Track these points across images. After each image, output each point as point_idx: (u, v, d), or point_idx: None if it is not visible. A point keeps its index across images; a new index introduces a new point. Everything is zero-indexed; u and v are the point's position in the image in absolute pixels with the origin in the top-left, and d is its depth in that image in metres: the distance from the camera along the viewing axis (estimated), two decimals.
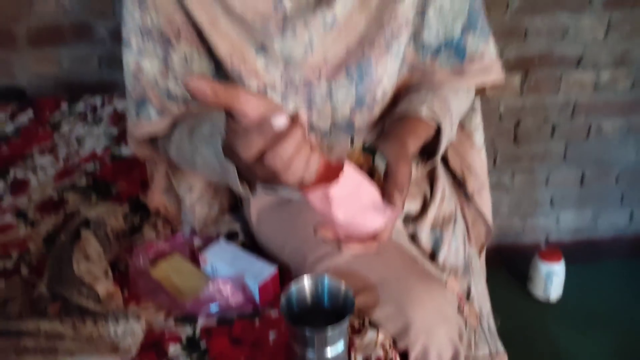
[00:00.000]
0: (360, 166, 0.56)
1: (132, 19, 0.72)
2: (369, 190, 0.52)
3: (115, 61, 1.70)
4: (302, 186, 0.49)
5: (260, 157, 0.45)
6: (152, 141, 0.84)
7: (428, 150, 0.75)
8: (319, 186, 0.48)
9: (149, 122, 0.77)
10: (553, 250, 1.92)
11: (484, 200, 0.98)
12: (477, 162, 0.95)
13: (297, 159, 0.45)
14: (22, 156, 1.33)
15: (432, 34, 0.75)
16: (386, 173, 0.56)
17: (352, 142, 0.69)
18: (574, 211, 2.03)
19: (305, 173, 0.47)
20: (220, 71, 0.75)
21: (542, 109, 1.82)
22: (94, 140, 1.38)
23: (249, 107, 0.43)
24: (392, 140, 0.63)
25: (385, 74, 0.74)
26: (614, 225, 2.06)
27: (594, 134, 1.88)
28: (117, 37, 1.63)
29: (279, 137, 0.44)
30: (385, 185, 0.55)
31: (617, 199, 2.02)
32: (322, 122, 0.76)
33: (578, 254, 2.02)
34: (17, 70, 1.71)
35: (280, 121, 0.44)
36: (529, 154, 1.92)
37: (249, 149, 0.45)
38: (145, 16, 0.71)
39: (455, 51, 0.77)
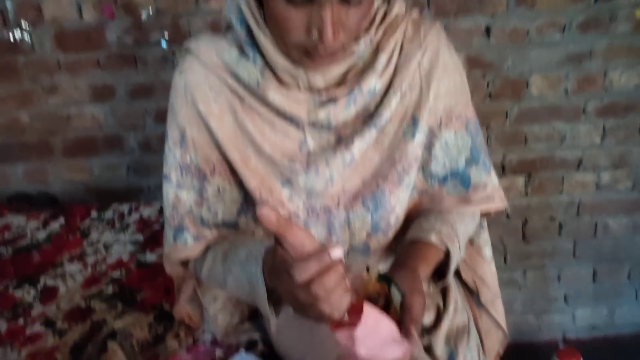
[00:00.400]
0: (377, 295, 0.62)
1: (174, 157, 0.81)
2: (388, 325, 0.58)
3: (142, 168, 1.83)
4: (332, 320, 0.55)
5: (308, 283, 0.51)
6: (184, 262, 0.91)
7: (439, 270, 0.81)
8: (345, 325, 0.54)
9: (185, 247, 0.83)
10: (571, 350, 1.90)
11: (498, 310, 1.02)
12: (488, 274, 1.00)
13: (336, 291, 0.52)
14: (53, 263, 1.40)
15: (438, 165, 0.82)
16: (402, 305, 0.62)
17: (367, 270, 0.75)
18: (589, 308, 2.03)
19: (339, 307, 0.53)
20: (249, 200, 0.83)
21: (548, 208, 1.89)
22: (120, 247, 1.45)
23: (298, 238, 0.51)
24: (405, 269, 0.69)
25: (398, 203, 0.80)
26: (632, 322, 2.04)
27: (601, 232, 1.92)
28: (145, 147, 1.79)
29: (328, 267, 0.51)
30: (402, 318, 0.61)
31: (632, 295, 2.01)
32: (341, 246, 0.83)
33: (597, 353, 1.98)
34: (51, 178, 1.84)
35: (337, 253, 0.51)
36: (538, 252, 1.96)
37: (303, 273, 0.51)
38: (185, 155, 0.80)
39: (461, 180, 0.83)
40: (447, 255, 0.79)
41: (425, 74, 0.77)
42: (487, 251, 1.00)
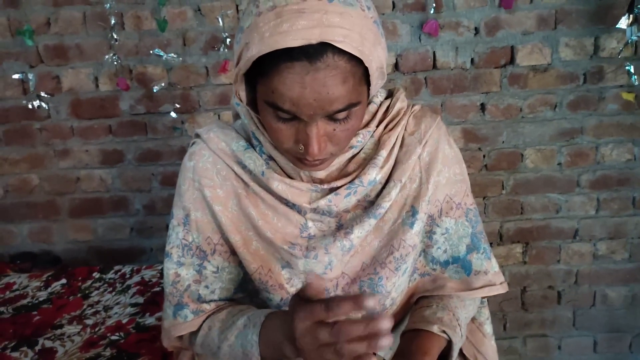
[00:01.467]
0: None
1: (176, 236, 0.83)
2: None
3: (146, 230, 1.86)
4: None
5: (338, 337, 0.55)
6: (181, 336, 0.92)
7: (441, 355, 0.82)
8: None
9: (185, 322, 0.83)
10: None
11: None
12: (490, 351, 1.00)
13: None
14: (52, 324, 1.40)
15: (440, 251, 0.84)
16: None
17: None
18: None
19: None
20: (247, 279, 0.85)
21: (546, 277, 1.90)
22: (120, 309, 1.47)
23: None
24: None
25: (394, 288, 0.81)
26: None
27: (600, 302, 1.92)
28: (150, 209, 1.83)
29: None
30: None
31: None
32: None
33: None
34: (55, 238, 1.88)
35: (372, 302, 0.53)
36: (538, 320, 1.95)
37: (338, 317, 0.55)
38: (187, 235, 0.83)
39: (462, 266, 0.85)
40: (449, 343, 0.80)
41: (425, 166, 0.80)
42: (488, 328, 1.01)
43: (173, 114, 1.74)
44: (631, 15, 1.52)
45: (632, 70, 1.62)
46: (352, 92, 0.64)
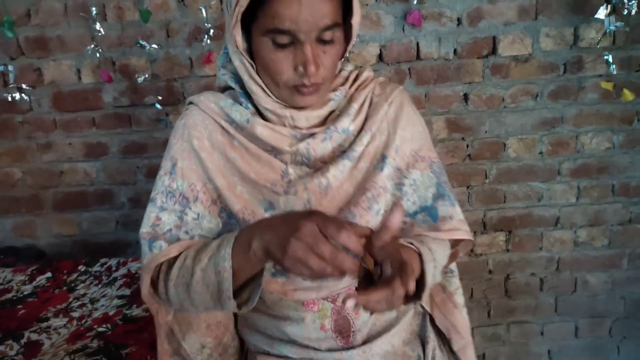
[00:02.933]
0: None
1: (162, 183, 0.89)
2: None
3: (131, 223, 1.85)
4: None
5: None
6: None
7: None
8: None
9: (160, 252, 0.85)
10: None
11: (469, 358, 1.05)
12: (460, 321, 1.04)
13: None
14: (38, 317, 1.40)
15: (409, 203, 0.91)
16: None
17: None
18: None
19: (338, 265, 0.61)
20: (229, 224, 0.89)
21: (529, 264, 1.94)
22: (107, 301, 1.46)
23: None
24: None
25: (367, 222, 0.87)
26: None
27: (581, 288, 1.97)
28: (135, 202, 1.83)
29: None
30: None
31: (614, 350, 2.04)
32: None
33: None
34: (40, 232, 1.86)
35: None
36: (521, 307, 1.99)
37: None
38: (172, 182, 0.88)
39: (429, 214, 0.92)
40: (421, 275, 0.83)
41: (392, 121, 0.91)
42: (459, 298, 1.05)
43: (157, 106, 1.73)
44: (609, 6, 1.55)
45: (610, 59, 1.65)
46: (336, 9, 0.77)
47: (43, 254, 1.81)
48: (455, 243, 0.97)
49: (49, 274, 1.60)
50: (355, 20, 0.82)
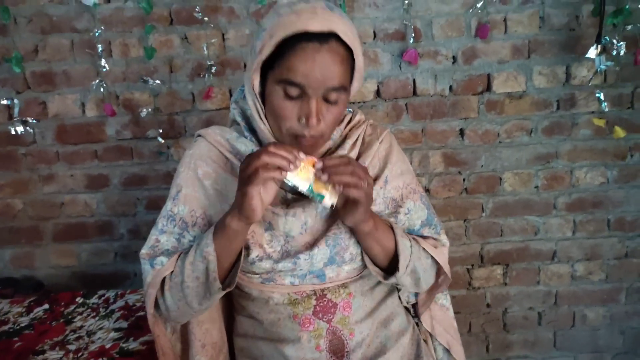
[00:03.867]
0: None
1: (165, 208, 0.98)
2: None
3: (130, 254, 1.86)
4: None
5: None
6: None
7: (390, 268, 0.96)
8: None
9: (162, 267, 0.94)
10: None
11: (458, 353, 1.14)
12: (439, 315, 1.13)
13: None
14: (34, 350, 1.39)
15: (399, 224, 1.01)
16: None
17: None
18: None
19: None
20: None
21: (526, 298, 1.94)
22: (104, 333, 1.46)
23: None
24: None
25: (352, 243, 0.95)
26: None
27: (579, 322, 1.96)
28: (134, 233, 1.84)
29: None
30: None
31: None
32: (300, 272, 0.95)
33: None
34: (38, 263, 1.86)
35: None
36: (520, 341, 1.98)
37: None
38: (174, 207, 0.97)
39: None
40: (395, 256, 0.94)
41: (383, 158, 1.01)
42: (445, 301, 1.15)
43: (159, 139, 1.76)
44: (599, 46, 1.60)
45: (602, 97, 1.69)
46: (345, 75, 0.85)
47: (41, 285, 1.81)
48: (438, 274, 1.05)
49: (46, 306, 1.60)
50: (354, 86, 0.91)
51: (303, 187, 0.83)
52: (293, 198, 0.95)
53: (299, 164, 0.81)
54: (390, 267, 0.96)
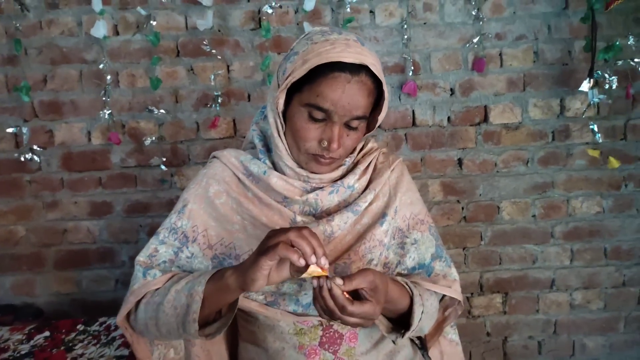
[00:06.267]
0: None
1: (169, 221, 0.97)
2: None
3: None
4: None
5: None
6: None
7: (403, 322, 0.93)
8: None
9: (152, 280, 0.94)
10: None
11: None
12: (454, 353, 1.13)
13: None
14: None
15: (410, 259, 1.00)
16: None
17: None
18: None
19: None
20: (226, 264, 0.95)
21: (526, 326, 1.94)
22: None
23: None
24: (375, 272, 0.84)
25: None
26: None
27: (579, 352, 1.96)
28: None
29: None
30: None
31: None
32: (305, 299, 0.94)
33: None
34: (38, 290, 1.86)
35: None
36: None
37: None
38: (178, 221, 0.96)
39: (426, 271, 1.01)
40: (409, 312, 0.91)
41: (393, 186, 1.02)
42: (454, 336, 1.14)
43: (162, 167, 1.79)
44: (592, 80, 1.66)
45: (595, 129, 1.74)
46: (369, 106, 0.89)
47: (41, 312, 1.80)
48: (446, 307, 1.05)
49: (47, 333, 1.59)
50: (381, 116, 0.94)
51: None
52: (302, 222, 0.95)
53: (324, 262, 0.77)
54: (399, 319, 0.95)
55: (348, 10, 1.72)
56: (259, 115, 1.04)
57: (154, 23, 1.71)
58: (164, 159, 1.79)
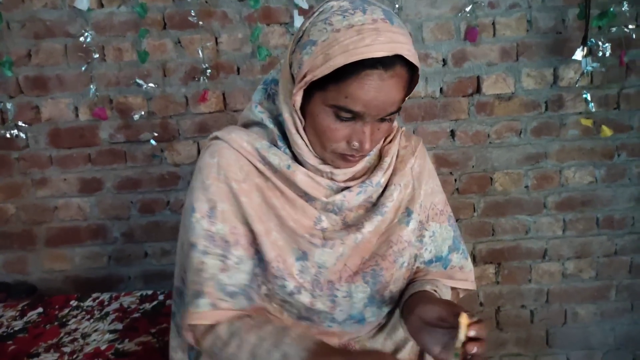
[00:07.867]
0: None
1: (201, 227, 0.86)
2: None
3: (123, 258, 1.86)
4: None
5: None
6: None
7: None
8: None
9: (199, 312, 0.84)
10: None
11: None
12: None
13: None
14: (28, 353, 1.39)
15: (427, 252, 0.96)
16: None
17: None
18: None
19: None
20: (262, 264, 0.88)
21: (519, 296, 1.96)
22: (99, 335, 1.46)
23: None
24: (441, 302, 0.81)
25: (392, 280, 0.91)
26: None
27: (570, 319, 1.99)
28: (128, 237, 1.84)
29: None
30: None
31: None
32: (340, 315, 0.90)
33: None
34: (31, 268, 1.86)
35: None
36: (513, 339, 2.00)
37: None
38: (212, 226, 0.86)
39: (443, 264, 0.98)
40: None
41: (417, 175, 0.94)
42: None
43: (152, 142, 1.77)
44: (585, 48, 1.64)
45: (588, 98, 1.73)
46: (403, 98, 0.80)
47: (34, 289, 1.80)
48: (458, 294, 1.03)
49: (40, 310, 1.59)
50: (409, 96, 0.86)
51: None
52: (326, 221, 0.89)
53: None
54: None
55: None
56: (261, 93, 0.92)
57: None
58: (154, 134, 1.77)
